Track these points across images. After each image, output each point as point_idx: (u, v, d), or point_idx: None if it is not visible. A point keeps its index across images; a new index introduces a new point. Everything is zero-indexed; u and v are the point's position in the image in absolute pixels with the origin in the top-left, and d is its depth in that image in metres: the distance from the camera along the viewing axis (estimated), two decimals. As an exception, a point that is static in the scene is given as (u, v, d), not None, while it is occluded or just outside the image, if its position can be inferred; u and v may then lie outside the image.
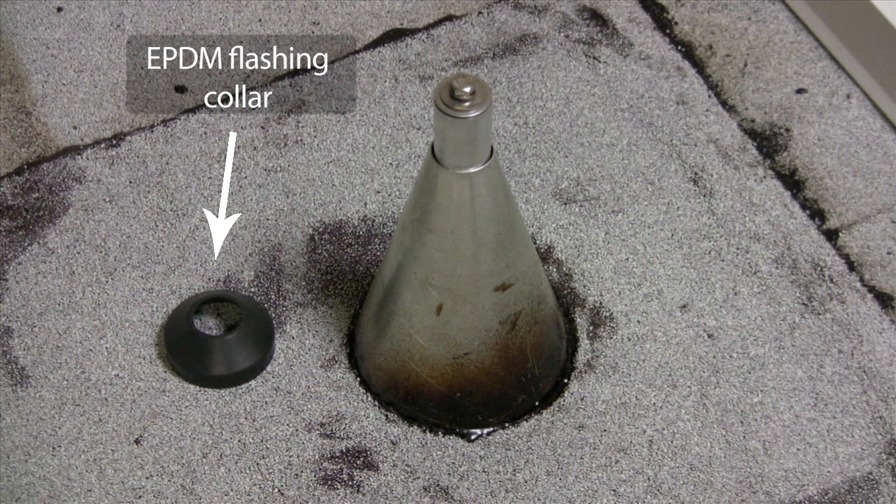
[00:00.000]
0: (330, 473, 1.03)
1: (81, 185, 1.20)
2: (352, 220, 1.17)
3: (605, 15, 1.32)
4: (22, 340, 1.10)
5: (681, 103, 1.25)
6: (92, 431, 1.05)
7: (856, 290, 1.12)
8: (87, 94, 1.27)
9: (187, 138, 1.23)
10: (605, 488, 1.02)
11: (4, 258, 1.15)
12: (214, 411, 1.06)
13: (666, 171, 1.20)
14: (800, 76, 1.27)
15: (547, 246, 1.16)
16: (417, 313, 0.98)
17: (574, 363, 1.09)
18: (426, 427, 1.05)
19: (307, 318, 1.11)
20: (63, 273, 1.14)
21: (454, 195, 0.90)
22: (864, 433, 1.04)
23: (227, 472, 1.03)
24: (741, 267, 1.14)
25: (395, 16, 1.33)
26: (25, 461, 1.04)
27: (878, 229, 1.16)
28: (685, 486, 1.02)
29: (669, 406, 1.06)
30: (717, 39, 1.30)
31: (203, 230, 1.17)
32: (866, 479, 1.02)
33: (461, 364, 1.01)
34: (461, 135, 0.84)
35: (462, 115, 0.82)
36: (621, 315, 1.11)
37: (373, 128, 1.24)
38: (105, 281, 1.14)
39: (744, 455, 1.03)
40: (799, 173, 1.20)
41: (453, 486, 1.02)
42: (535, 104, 1.25)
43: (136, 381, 1.08)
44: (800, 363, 1.08)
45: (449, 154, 0.87)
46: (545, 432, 1.05)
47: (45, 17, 1.33)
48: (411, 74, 1.28)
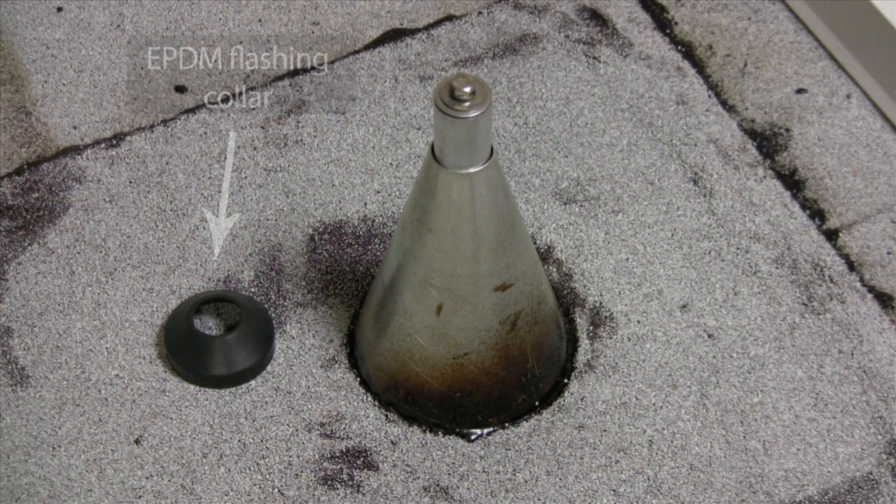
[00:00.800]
0: (330, 473, 1.03)
1: (81, 185, 1.20)
2: (352, 220, 1.17)
3: (605, 15, 1.32)
4: (22, 340, 1.10)
5: (681, 103, 1.25)
6: (92, 431, 1.05)
7: (856, 290, 1.12)
8: (87, 94, 1.27)
9: (187, 138, 1.23)
10: (605, 488, 1.02)
11: (4, 258, 1.15)
12: (214, 411, 1.06)
13: (666, 171, 1.20)
14: (800, 76, 1.27)
15: (547, 246, 1.16)
16: (417, 313, 0.98)
17: (574, 363, 1.09)
18: (426, 427, 1.05)
19: (307, 318, 1.11)
20: (63, 273, 1.14)
21: (454, 195, 0.89)
22: (864, 433, 1.04)
23: (227, 472, 1.03)
24: (741, 267, 1.14)
25: (395, 16, 1.33)
26: (25, 461, 1.03)
27: (878, 229, 1.16)
28: (685, 486, 1.02)
29: (669, 406, 1.06)
30: (717, 39, 1.30)
31: (203, 230, 1.17)
32: (866, 480, 1.02)
33: (461, 364, 1.01)
34: (461, 135, 0.84)
35: (462, 115, 0.82)
36: (621, 315, 1.11)
37: (373, 128, 1.24)
38: (105, 281, 1.13)
39: (744, 455, 1.03)
40: (799, 173, 1.20)
41: (453, 486, 1.02)
42: (535, 104, 1.25)
43: (136, 381, 1.08)
44: (800, 363, 1.08)
45: (449, 154, 0.87)
46: (545, 432, 1.05)
47: (45, 17, 1.32)
48: (411, 74, 1.28)
